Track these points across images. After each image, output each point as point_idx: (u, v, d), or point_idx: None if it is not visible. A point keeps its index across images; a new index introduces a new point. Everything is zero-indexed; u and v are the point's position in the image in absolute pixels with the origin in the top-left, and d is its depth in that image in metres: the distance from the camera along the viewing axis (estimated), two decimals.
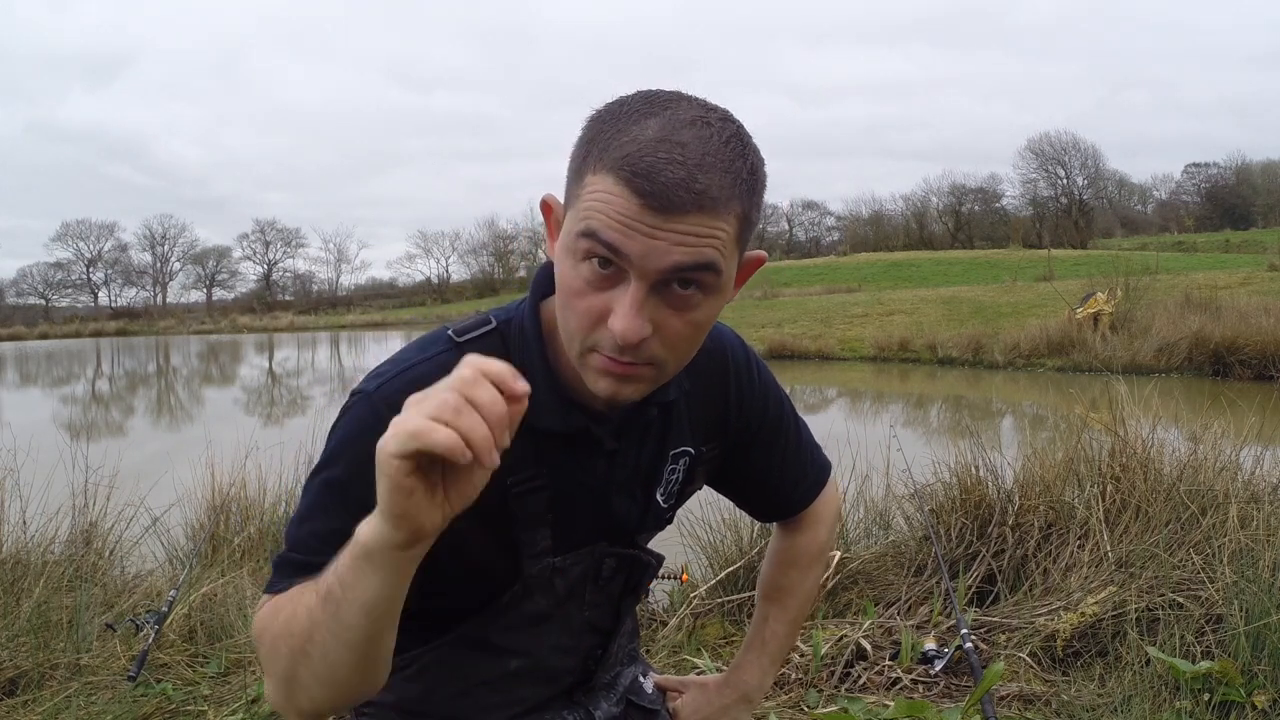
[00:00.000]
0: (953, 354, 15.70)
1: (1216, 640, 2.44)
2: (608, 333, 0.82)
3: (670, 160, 0.76)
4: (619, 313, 0.81)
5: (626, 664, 1.18)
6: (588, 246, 0.80)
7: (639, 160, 0.77)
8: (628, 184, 0.77)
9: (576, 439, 0.97)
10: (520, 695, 1.05)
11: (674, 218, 0.77)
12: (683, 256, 0.79)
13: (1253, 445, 3.42)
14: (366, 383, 0.95)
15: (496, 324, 0.97)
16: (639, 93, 0.84)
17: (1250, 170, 57.24)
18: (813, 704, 2.44)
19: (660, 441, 1.05)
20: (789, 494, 1.22)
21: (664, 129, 0.78)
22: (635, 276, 0.80)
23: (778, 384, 1.17)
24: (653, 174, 0.76)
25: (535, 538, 0.98)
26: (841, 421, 9.00)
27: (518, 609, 1.00)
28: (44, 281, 63.98)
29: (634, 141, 0.78)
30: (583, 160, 0.82)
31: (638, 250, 0.78)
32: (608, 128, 0.81)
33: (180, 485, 4.18)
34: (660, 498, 1.07)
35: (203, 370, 25.43)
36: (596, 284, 0.82)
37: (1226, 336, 12.09)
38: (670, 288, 0.81)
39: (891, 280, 33.41)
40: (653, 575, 1.12)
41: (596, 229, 0.79)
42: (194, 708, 2.48)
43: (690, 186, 0.77)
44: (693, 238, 0.78)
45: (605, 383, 0.87)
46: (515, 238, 65.00)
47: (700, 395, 1.08)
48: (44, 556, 3.27)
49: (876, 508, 3.79)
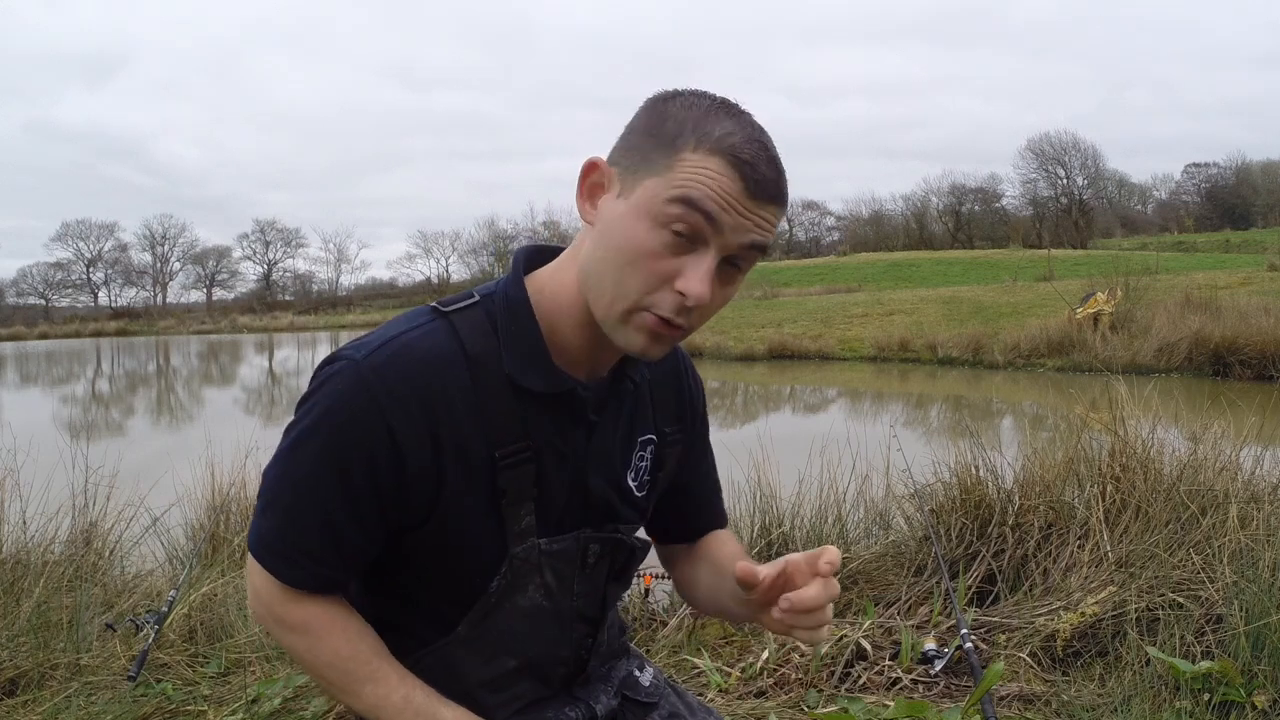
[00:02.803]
0: (953, 354, 15.69)
1: (1216, 640, 2.44)
2: (670, 295, 0.90)
3: (766, 158, 0.89)
4: (695, 276, 0.89)
5: (619, 656, 1.19)
6: (681, 213, 0.88)
7: (743, 149, 0.88)
8: (736, 167, 0.88)
9: (560, 407, 0.99)
10: (520, 691, 1.06)
11: (761, 204, 0.90)
12: (758, 237, 0.91)
13: (1253, 445, 3.41)
14: (352, 349, 0.94)
15: (479, 297, 1.00)
16: (701, 92, 0.93)
17: (1250, 170, 57.21)
18: (813, 704, 2.44)
19: (630, 424, 1.08)
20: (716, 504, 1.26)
21: (750, 130, 0.90)
22: (716, 248, 0.90)
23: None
24: (755, 165, 0.88)
25: (519, 512, 0.98)
26: (841, 421, 9.00)
27: (511, 603, 1.01)
28: (44, 281, 64.00)
29: (732, 136, 0.88)
30: (675, 137, 0.89)
31: (730, 224, 0.89)
32: (698, 115, 0.90)
33: (180, 485, 4.19)
34: (632, 484, 1.09)
35: (203, 370, 25.44)
36: (673, 248, 0.89)
37: (1226, 336, 12.10)
38: (726, 263, 0.92)
39: (891, 280, 33.40)
40: (638, 561, 1.13)
41: (697, 198, 0.87)
42: (194, 708, 2.48)
43: (778, 183, 0.91)
44: (767, 224, 0.91)
45: (642, 339, 0.93)
46: (515, 238, 64.97)
47: (659, 381, 1.13)
48: (44, 556, 3.26)
49: (876, 508, 3.78)
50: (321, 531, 0.94)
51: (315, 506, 0.93)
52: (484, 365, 0.95)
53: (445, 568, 0.99)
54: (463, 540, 0.97)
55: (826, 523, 3.58)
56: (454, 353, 0.94)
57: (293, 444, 0.93)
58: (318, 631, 0.96)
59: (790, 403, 13.57)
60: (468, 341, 0.95)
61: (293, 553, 0.95)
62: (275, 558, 0.96)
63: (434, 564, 0.99)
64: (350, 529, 0.94)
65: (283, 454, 0.94)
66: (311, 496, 0.93)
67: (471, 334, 0.96)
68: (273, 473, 0.95)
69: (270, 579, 0.96)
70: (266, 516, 0.96)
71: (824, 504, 3.66)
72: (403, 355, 0.93)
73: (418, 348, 0.94)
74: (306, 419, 0.93)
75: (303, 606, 0.96)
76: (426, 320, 0.97)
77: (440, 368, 0.93)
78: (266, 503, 0.96)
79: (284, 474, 0.94)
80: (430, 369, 0.93)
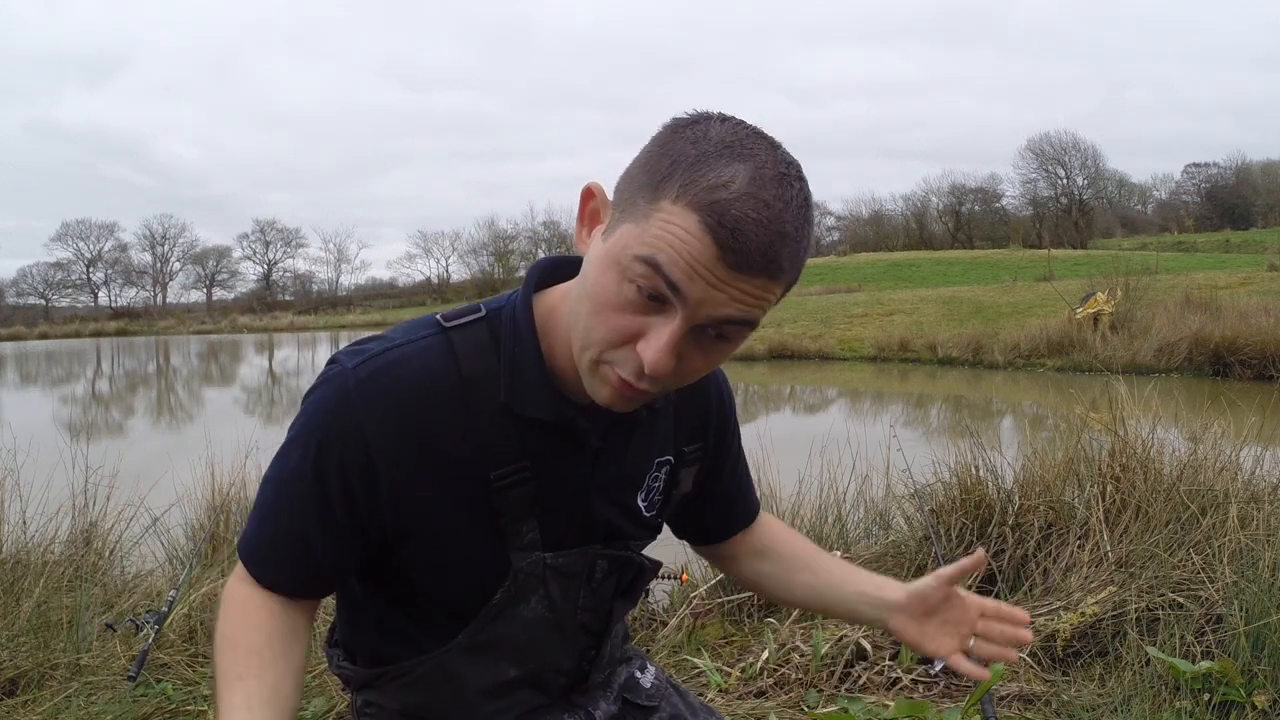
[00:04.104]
0: (953, 354, 15.69)
1: (1216, 640, 2.44)
2: (632, 356, 0.82)
3: (757, 221, 0.76)
4: (653, 345, 0.80)
5: (620, 663, 1.18)
6: (645, 273, 0.79)
7: (726, 211, 0.75)
8: (712, 233, 0.76)
9: (560, 433, 0.96)
10: (518, 699, 1.05)
11: (742, 276, 0.78)
12: (735, 312, 0.80)
13: (1253, 445, 3.41)
14: (346, 356, 0.93)
15: (486, 313, 0.97)
16: (725, 121, 0.81)
17: (1250, 170, 57.24)
18: (813, 704, 2.44)
19: (645, 447, 1.04)
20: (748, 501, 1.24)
21: (752, 182, 0.76)
22: (682, 317, 0.80)
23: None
24: (738, 231, 0.75)
25: (521, 529, 0.97)
26: (841, 421, 8.99)
27: (513, 613, 0.99)
28: (44, 281, 64.04)
29: (724, 188, 0.76)
30: (662, 180, 0.79)
31: (698, 296, 0.78)
32: (693, 157, 0.78)
33: (180, 485, 4.18)
34: (642, 504, 1.06)
35: (202, 370, 25.43)
36: (638, 307, 0.81)
37: (1226, 336, 12.10)
38: (705, 332, 0.82)
39: (891, 280, 33.40)
40: (647, 580, 1.11)
41: (663, 263, 0.77)
42: (194, 708, 2.48)
43: (766, 253, 0.77)
44: (750, 297, 0.79)
45: (607, 393, 0.87)
46: (515, 238, 65.10)
47: (685, 404, 1.09)
48: (44, 556, 3.26)
49: (876, 508, 3.79)
50: (290, 533, 0.94)
51: (289, 511, 0.93)
52: (480, 386, 0.93)
53: (443, 582, 0.98)
54: (459, 557, 0.96)
55: (826, 523, 3.58)
56: (446, 372, 0.92)
57: (283, 447, 0.94)
58: (239, 612, 0.94)
59: (790, 403, 13.56)
60: (464, 361, 0.93)
61: (265, 550, 0.95)
62: (249, 550, 0.96)
63: (431, 579, 0.98)
64: (318, 535, 0.93)
65: (276, 455, 0.96)
66: (287, 500, 0.93)
67: (469, 353, 0.93)
68: (267, 473, 0.97)
69: (242, 569, 0.97)
70: (253, 514, 0.98)
71: (824, 504, 3.66)
72: (390, 370, 0.91)
73: (409, 364, 0.92)
74: (296, 424, 0.94)
75: (251, 590, 0.95)
76: (426, 334, 0.94)
77: (428, 386, 0.91)
78: (256, 501, 0.98)
79: (270, 476, 0.96)
80: (417, 387, 0.91)
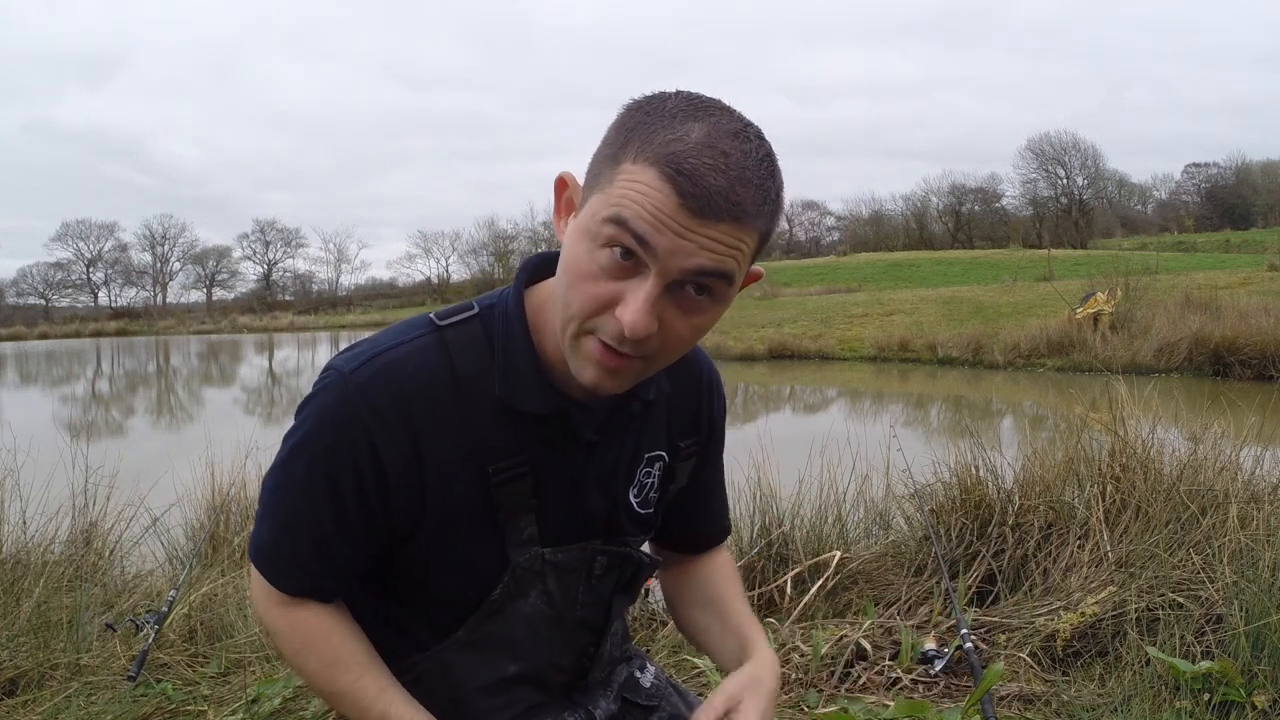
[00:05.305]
0: (953, 354, 15.70)
1: (1216, 640, 2.44)
2: (612, 321, 0.83)
3: (714, 168, 0.77)
4: (631, 305, 0.81)
5: (620, 661, 1.18)
6: (613, 233, 0.80)
7: (684, 160, 0.77)
8: (670, 181, 0.78)
9: (555, 427, 0.97)
10: (517, 696, 1.05)
11: (707, 223, 0.79)
12: (707, 261, 0.80)
13: (1253, 445, 3.41)
14: (342, 360, 0.94)
15: (479, 310, 0.98)
16: (680, 92, 0.84)
17: (1250, 170, 57.20)
18: (813, 704, 2.44)
19: (637, 442, 1.05)
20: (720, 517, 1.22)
21: (708, 135, 0.79)
22: (655, 273, 0.80)
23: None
24: (697, 177, 0.77)
25: (519, 524, 0.97)
26: (841, 421, 9.00)
27: (512, 608, 1.00)
28: (44, 281, 63.98)
29: (680, 141, 0.78)
30: (620, 147, 0.81)
31: (666, 246, 0.79)
32: (651, 121, 0.80)
33: (180, 485, 4.19)
34: (634, 499, 1.06)
35: (202, 370, 25.44)
36: (612, 272, 0.82)
37: (1226, 336, 12.11)
38: (684, 290, 0.82)
39: (891, 280, 33.39)
40: (646, 576, 1.12)
41: (628, 218, 0.79)
42: (194, 708, 2.48)
43: (729, 196, 0.78)
44: (720, 245, 0.80)
45: (592, 371, 0.87)
46: (515, 238, 65.00)
47: (678, 398, 1.09)
48: (44, 556, 3.26)
49: (876, 508, 3.78)
50: (313, 542, 0.95)
51: (306, 518, 0.94)
52: (474, 384, 0.94)
53: (442, 578, 0.99)
54: (458, 553, 0.97)
55: (826, 523, 3.58)
56: (440, 371, 0.93)
57: (286, 456, 0.95)
58: (305, 637, 0.97)
59: (790, 403, 13.57)
60: (458, 359, 0.94)
61: (286, 562, 0.96)
62: (270, 565, 0.97)
63: (431, 575, 0.99)
64: (339, 540, 0.95)
65: (278, 464, 0.96)
66: (303, 508, 0.94)
67: (463, 351, 0.95)
68: (270, 482, 0.97)
69: (266, 584, 0.98)
70: (264, 525, 0.98)
71: (824, 504, 3.66)
72: (386, 372, 0.92)
73: (404, 365, 0.93)
74: (298, 432, 0.94)
75: (295, 612, 0.98)
76: (420, 334, 0.96)
77: (424, 386, 0.92)
78: (264, 511, 0.98)
79: (278, 485, 0.96)
80: (413, 387, 0.92)
